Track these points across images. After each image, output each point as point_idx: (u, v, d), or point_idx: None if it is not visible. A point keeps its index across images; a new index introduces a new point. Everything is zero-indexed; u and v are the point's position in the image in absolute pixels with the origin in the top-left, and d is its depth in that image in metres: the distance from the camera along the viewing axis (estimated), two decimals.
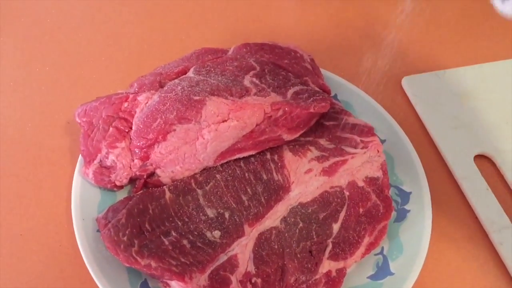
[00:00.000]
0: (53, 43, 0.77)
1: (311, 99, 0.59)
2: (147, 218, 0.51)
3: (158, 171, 0.55)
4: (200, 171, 0.56)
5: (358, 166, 0.58)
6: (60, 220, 0.57)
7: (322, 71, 0.68)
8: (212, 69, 0.60)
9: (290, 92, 0.59)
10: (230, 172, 0.56)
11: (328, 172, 0.57)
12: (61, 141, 0.64)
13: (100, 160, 0.55)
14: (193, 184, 0.55)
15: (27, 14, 0.80)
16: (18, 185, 0.60)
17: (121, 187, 0.56)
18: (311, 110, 0.57)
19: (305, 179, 0.57)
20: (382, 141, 0.63)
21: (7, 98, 0.69)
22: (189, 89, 0.55)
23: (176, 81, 0.57)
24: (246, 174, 0.56)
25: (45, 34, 0.78)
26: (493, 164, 0.66)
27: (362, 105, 0.67)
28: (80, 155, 0.57)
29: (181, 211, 0.52)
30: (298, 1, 0.86)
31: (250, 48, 0.65)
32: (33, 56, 0.75)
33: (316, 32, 0.82)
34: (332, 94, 0.68)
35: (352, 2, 0.87)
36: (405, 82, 0.74)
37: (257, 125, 0.55)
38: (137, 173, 0.55)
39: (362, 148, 0.60)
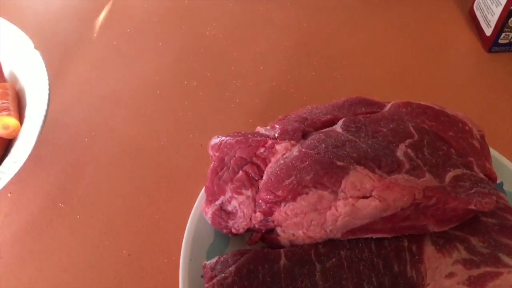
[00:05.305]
0: (207, 58, 0.76)
1: (473, 190, 0.49)
2: (255, 284, 0.46)
3: (278, 230, 0.50)
4: (324, 242, 0.50)
5: None
6: (168, 250, 0.56)
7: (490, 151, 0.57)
8: (363, 127, 0.53)
9: (449, 175, 0.50)
10: (357, 252, 0.49)
11: (475, 283, 0.47)
12: (191, 162, 0.63)
13: (222, 203, 0.51)
14: (312, 256, 0.48)
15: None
16: (141, 200, 0.60)
17: (236, 234, 0.52)
18: (472, 207, 0.47)
19: (444, 285, 0.47)
20: None
21: (149, 106, 0.69)
22: (334, 150, 0.48)
23: (321, 135, 0.51)
24: (375, 260, 0.49)
25: (201, 47, 0.77)
26: None
27: None
28: (203, 189, 0.54)
29: (292, 285, 0.46)
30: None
31: (411, 110, 0.57)
32: (185, 70, 0.74)
33: (498, 102, 0.69)
34: (498, 181, 0.57)
35: None
36: None
37: (401, 209, 0.47)
38: (256, 226, 0.51)
39: None
